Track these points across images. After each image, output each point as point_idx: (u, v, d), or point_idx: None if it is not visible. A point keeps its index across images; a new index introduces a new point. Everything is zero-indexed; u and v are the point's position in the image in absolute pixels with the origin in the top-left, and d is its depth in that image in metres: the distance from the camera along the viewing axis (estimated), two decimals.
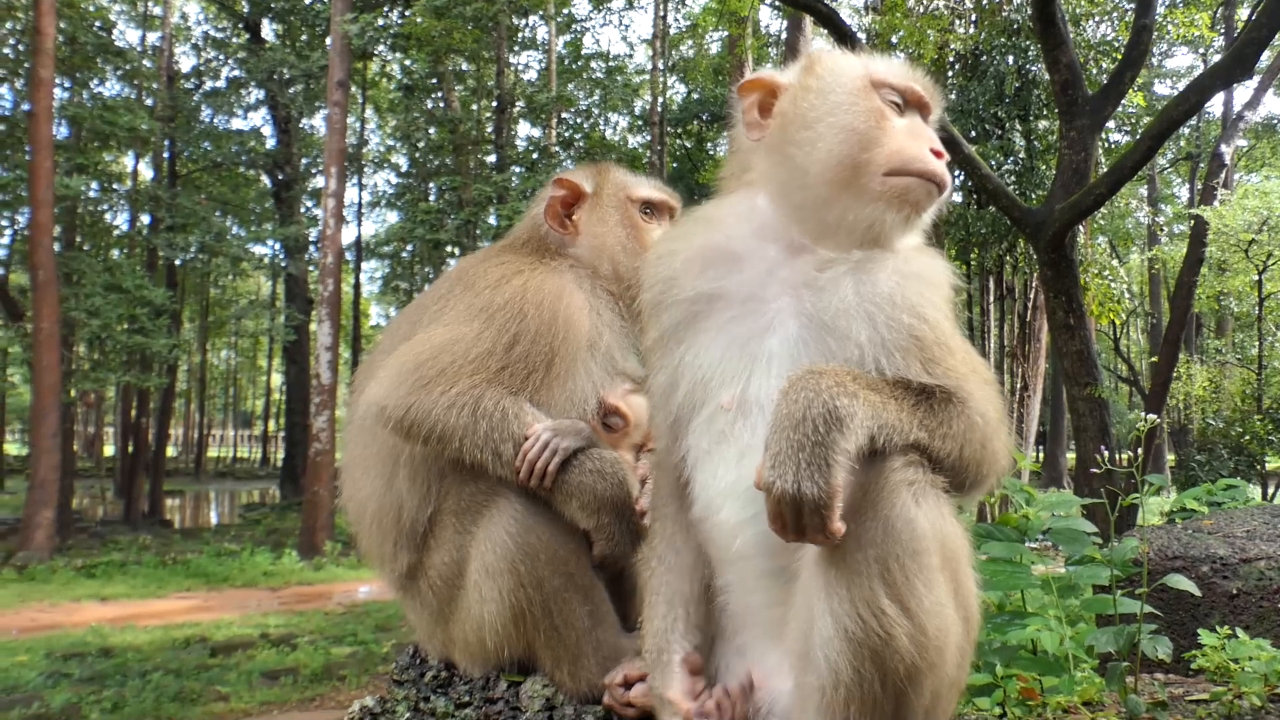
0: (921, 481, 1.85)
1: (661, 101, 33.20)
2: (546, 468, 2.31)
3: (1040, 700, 2.49)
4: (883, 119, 2.03)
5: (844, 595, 1.78)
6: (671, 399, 2.12)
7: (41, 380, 20.72)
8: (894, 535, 1.78)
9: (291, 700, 10.73)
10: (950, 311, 2.05)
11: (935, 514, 1.84)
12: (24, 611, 15.62)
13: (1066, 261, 13.00)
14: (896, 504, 1.80)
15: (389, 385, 2.36)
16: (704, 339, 2.09)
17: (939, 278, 2.07)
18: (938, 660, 1.84)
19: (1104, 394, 13.22)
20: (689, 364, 2.10)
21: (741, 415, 2.01)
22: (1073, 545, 3.03)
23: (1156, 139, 12.68)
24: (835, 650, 1.79)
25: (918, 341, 1.94)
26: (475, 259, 2.74)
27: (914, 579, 1.79)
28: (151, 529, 27.28)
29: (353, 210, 34.96)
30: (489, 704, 2.41)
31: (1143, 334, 44.93)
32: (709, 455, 2.06)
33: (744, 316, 2.06)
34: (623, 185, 2.78)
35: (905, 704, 1.85)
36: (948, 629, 1.85)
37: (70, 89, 28.40)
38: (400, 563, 2.49)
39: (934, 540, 1.83)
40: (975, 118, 22.45)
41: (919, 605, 1.79)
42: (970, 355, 2.03)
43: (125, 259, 29.36)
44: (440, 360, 2.36)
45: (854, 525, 1.78)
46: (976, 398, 1.93)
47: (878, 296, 1.97)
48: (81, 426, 42.33)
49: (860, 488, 1.81)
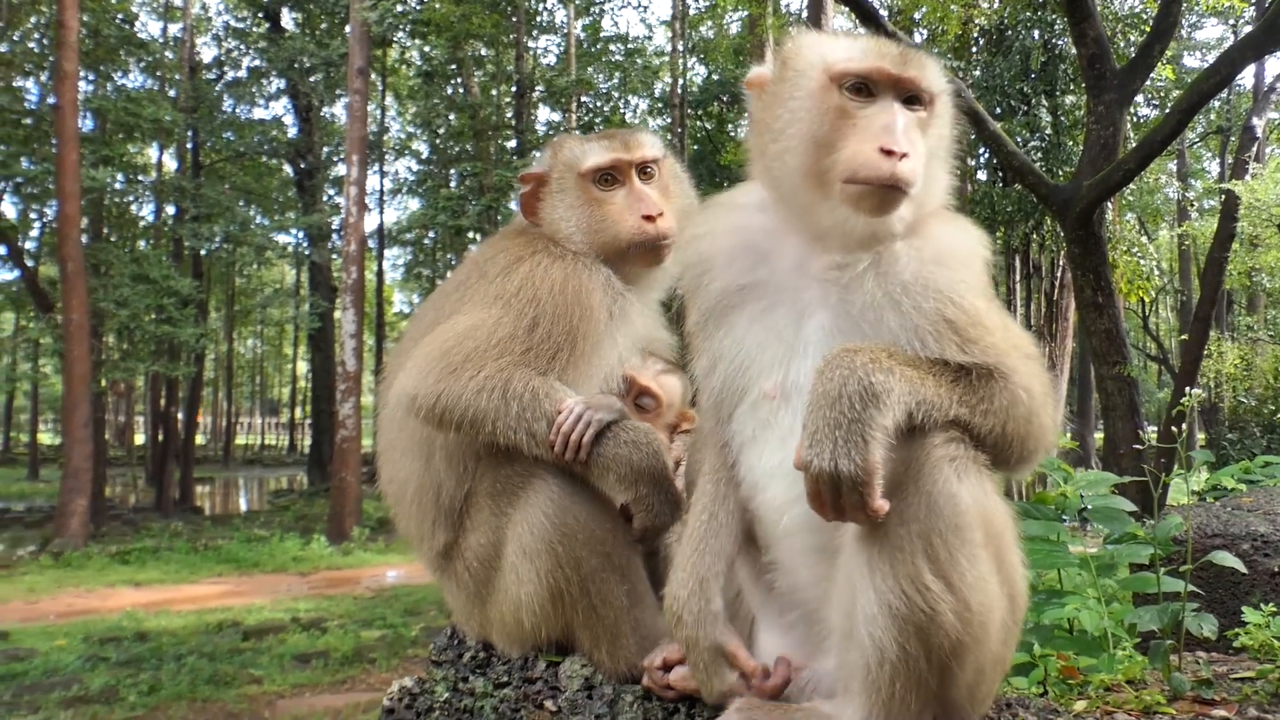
0: (963, 457, 1.83)
1: (681, 83, 33.00)
2: (581, 440, 2.30)
3: (1081, 679, 2.47)
4: (842, 118, 1.94)
5: (888, 572, 1.77)
6: (713, 383, 2.12)
7: (72, 371, 21.00)
8: (936, 511, 1.77)
9: (323, 683, 10.86)
10: (983, 285, 2.00)
11: (978, 490, 1.83)
12: (61, 597, 15.88)
13: (1095, 239, 12.85)
14: (939, 480, 1.78)
15: (417, 375, 2.37)
16: (740, 328, 2.10)
17: (965, 253, 2.02)
18: (982, 636, 1.83)
19: (1133, 373, 13.08)
20: (728, 351, 2.10)
21: (784, 401, 2.01)
22: (1111, 523, 3.00)
23: (1186, 113, 12.48)
24: (880, 627, 1.78)
25: (950, 324, 1.91)
26: (487, 247, 2.75)
27: (957, 554, 1.77)
28: (183, 516, 27.65)
29: (374, 198, 35.09)
30: (527, 684, 2.42)
31: (1172, 311, 44.42)
32: (754, 440, 2.07)
33: (777, 306, 2.06)
34: (571, 162, 2.71)
35: (950, 680, 1.84)
36: (991, 604, 1.84)
37: (94, 82, 28.64)
38: (437, 541, 2.50)
39: (976, 516, 1.81)
40: (1001, 94, 22.19)
41: (962, 580, 1.78)
42: (1010, 330, 1.99)
43: (152, 250, 29.58)
44: (464, 347, 2.37)
45: (896, 501, 1.77)
46: (1020, 372, 1.90)
47: (901, 286, 1.94)
48: (113, 416, 42.84)
49: (902, 463, 1.80)
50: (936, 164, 2.04)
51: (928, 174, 1.97)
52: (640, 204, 2.63)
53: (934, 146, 2.02)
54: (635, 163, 2.68)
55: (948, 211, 2.14)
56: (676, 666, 2.23)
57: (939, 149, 2.05)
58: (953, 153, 2.13)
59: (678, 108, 31.64)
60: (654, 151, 2.72)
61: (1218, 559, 2.61)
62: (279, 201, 36.69)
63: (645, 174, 2.71)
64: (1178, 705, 2.21)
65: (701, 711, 2.20)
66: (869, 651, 1.81)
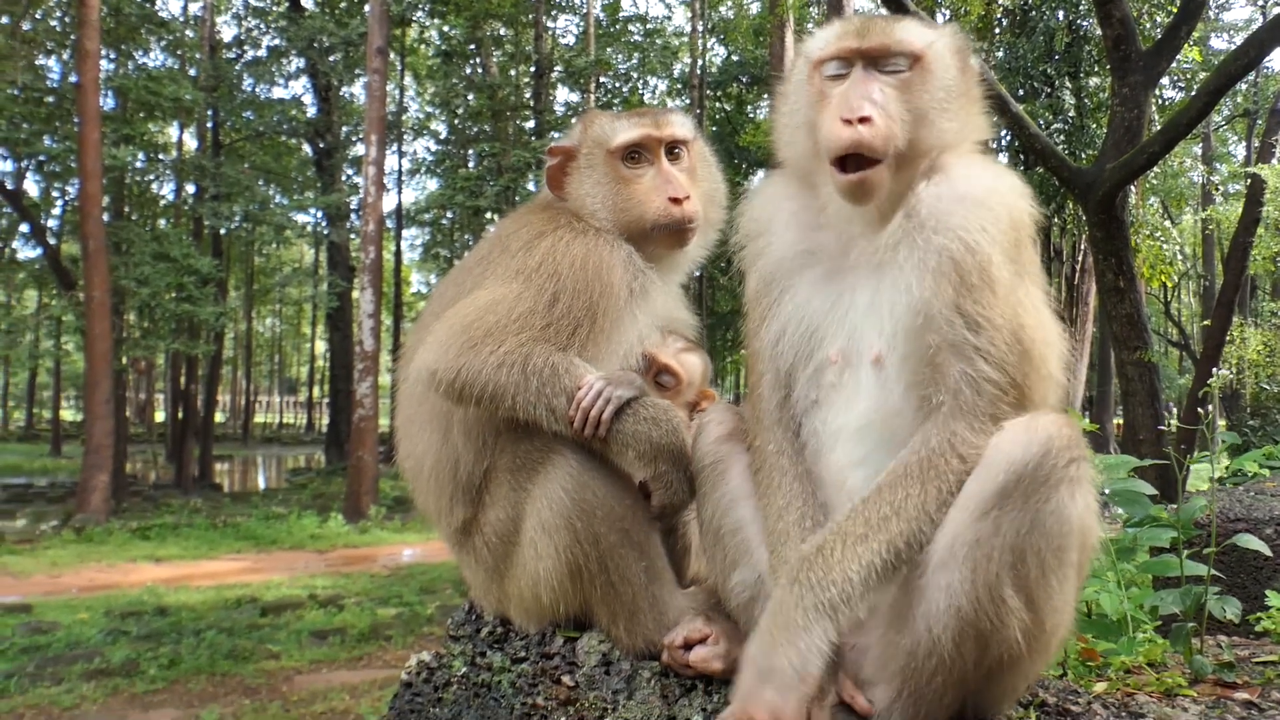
0: (1082, 478, 1.78)
1: (701, 64, 32.84)
2: (601, 416, 2.30)
3: (1101, 661, 2.46)
4: (821, 100, 2.03)
5: (966, 575, 1.75)
6: (781, 349, 2.13)
7: (94, 348, 21.18)
8: (1041, 530, 1.73)
9: (340, 659, 10.96)
10: (1005, 235, 1.92)
11: (1085, 507, 1.79)
12: (83, 571, 16.08)
13: (1117, 223, 12.71)
14: (1053, 499, 1.74)
15: (438, 350, 2.37)
16: (802, 293, 2.12)
17: (982, 194, 1.96)
18: (1042, 652, 1.83)
19: (1154, 358, 12.96)
20: (793, 316, 2.11)
21: (846, 365, 2.01)
22: (1132, 507, 2.98)
23: (1213, 95, 12.29)
24: (940, 624, 1.77)
25: (956, 266, 1.87)
26: (509, 222, 2.73)
27: (1050, 575, 1.75)
28: (202, 493, 27.90)
29: (393, 178, 35.11)
30: (545, 659, 2.43)
31: (1195, 297, 43.98)
32: (818, 404, 2.07)
33: (835, 271, 2.08)
34: (601, 138, 2.69)
35: (994, 684, 1.84)
36: (1063, 625, 1.84)
37: (115, 60, 28.71)
38: (456, 517, 2.50)
39: (1079, 536, 1.78)
40: (1024, 75, 21.93)
41: (1046, 601, 1.76)
42: (1020, 308, 1.90)
43: (172, 228, 29.76)
44: (485, 321, 2.36)
45: (995, 510, 1.74)
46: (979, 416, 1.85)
47: (918, 223, 1.96)
48: (133, 393, 43.22)
49: (1008, 472, 1.75)
50: (942, 112, 2.03)
51: (933, 121, 1.99)
52: (667, 185, 2.60)
53: (932, 97, 2.02)
54: (665, 140, 2.65)
55: (978, 155, 2.10)
56: (697, 646, 2.23)
57: (940, 98, 2.03)
58: (972, 94, 2.11)
59: (697, 88, 31.50)
60: (684, 132, 2.68)
61: (1241, 542, 2.59)
62: (298, 181, 36.80)
63: (674, 155, 2.67)
64: (1199, 688, 2.20)
65: (719, 688, 2.20)
66: (920, 642, 1.79)
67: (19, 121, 25.15)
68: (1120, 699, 2.02)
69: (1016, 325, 1.86)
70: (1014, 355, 1.85)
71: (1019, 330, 1.86)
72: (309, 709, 9.15)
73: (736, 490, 2.20)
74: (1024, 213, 1.98)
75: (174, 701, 9.41)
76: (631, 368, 2.50)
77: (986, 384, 1.84)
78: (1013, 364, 1.85)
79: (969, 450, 1.82)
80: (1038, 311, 1.95)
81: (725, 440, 2.25)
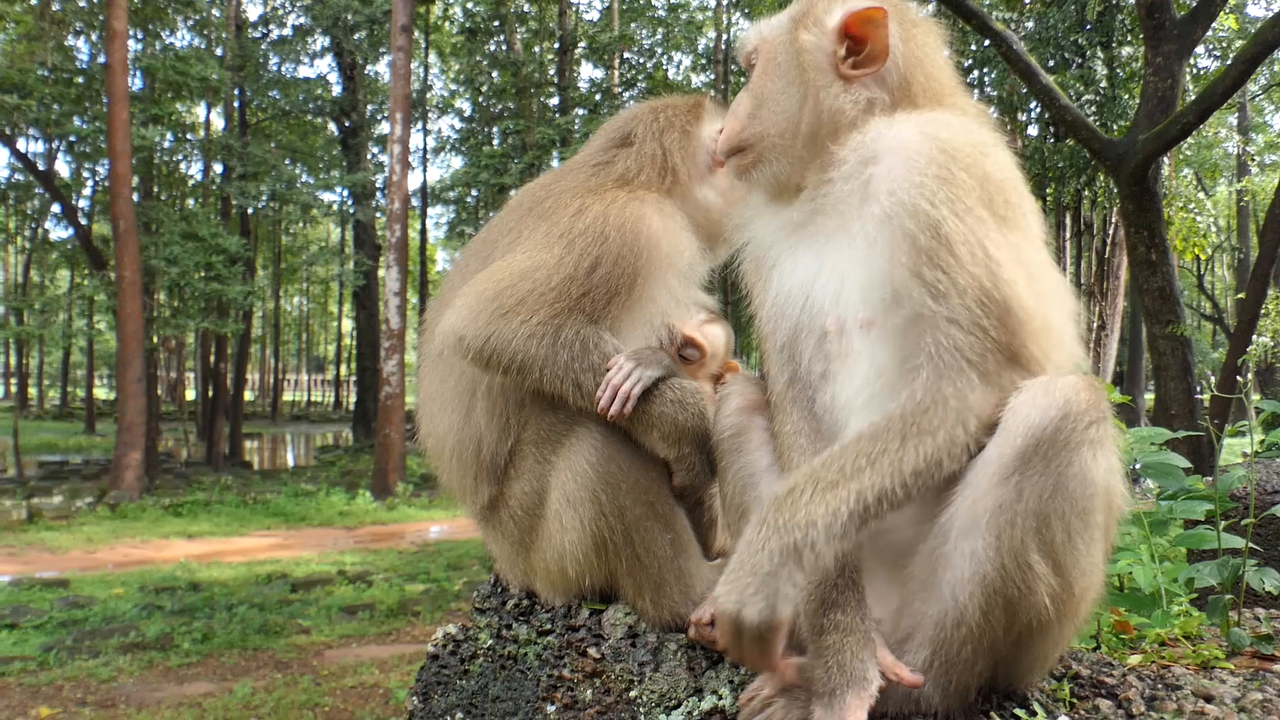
0: (1104, 439, 1.74)
1: (726, 39, 32.54)
2: (629, 394, 2.27)
3: (1135, 634, 2.42)
4: None
5: (990, 542, 1.72)
6: (781, 324, 2.11)
7: (125, 327, 21.45)
8: (1065, 493, 1.70)
9: (369, 634, 11.09)
10: (965, 189, 1.80)
11: (1108, 469, 1.75)
12: (118, 547, 16.37)
13: (1149, 194, 12.52)
14: (1075, 462, 1.70)
15: (467, 315, 2.33)
16: (788, 266, 2.10)
17: (929, 153, 1.84)
18: (1072, 617, 1.80)
19: (1186, 332, 12.79)
20: (784, 289, 2.10)
21: (842, 335, 1.98)
22: (1165, 480, 2.93)
23: (1249, 63, 12.04)
24: (966, 592, 1.74)
25: (903, 233, 1.81)
26: (544, 188, 2.64)
27: (1076, 538, 1.72)
28: (232, 470, 28.28)
29: (418, 156, 35.16)
30: (571, 631, 2.42)
31: (1229, 270, 43.31)
32: (826, 377, 2.03)
33: (815, 246, 2.06)
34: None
35: (1025, 651, 1.81)
36: (1092, 588, 1.80)
37: (143, 40, 28.88)
38: (481, 495, 2.49)
39: (1103, 499, 1.75)
40: (1055, 46, 21.57)
41: (1074, 564, 1.73)
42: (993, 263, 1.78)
43: (200, 208, 30.01)
44: (520, 289, 2.33)
45: (1016, 475, 1.71)
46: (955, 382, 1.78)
47: (852, 191, 1.94)
48: (164, 372, 43.77)
49: (1027, 436, 1.72)
50: (787, 87, 2.05)
51: (779, 102, 2.05)
52: None
53: (771, 81, 2.08)
54: None
55: (924, 109, 1.99)
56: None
57: (777, 82, 2.06)
58: (821, 64, 2.03)
59: (721, 64, 31.23)
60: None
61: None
62: (324, 160, 36.94)
63: None
64: (1236, 660, 2.16)
65: None
66: (948, 610, 1.77)
67: (49, 102, 25.40)
68: (1156, 671, 1.99)
69: (990, 281, 1.76)
70: (992, 314, 1.76)
71: (994, 287, 1.76)
72: (339, 683, 9.27)
73: (758, 463, 2.17)
74: (976, 155, 1.85)
75: (207, 675, 9.56)
76: (658, 339, 2.47)
77: (964, 349, 1.77)
78: (992, 323, 1.77)
79: (959, 408, 1.76)
80: (1019, 262, 1.83)
81: (746, 411, 2.21)
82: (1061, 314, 1.92)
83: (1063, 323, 1.91)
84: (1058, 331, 1.89)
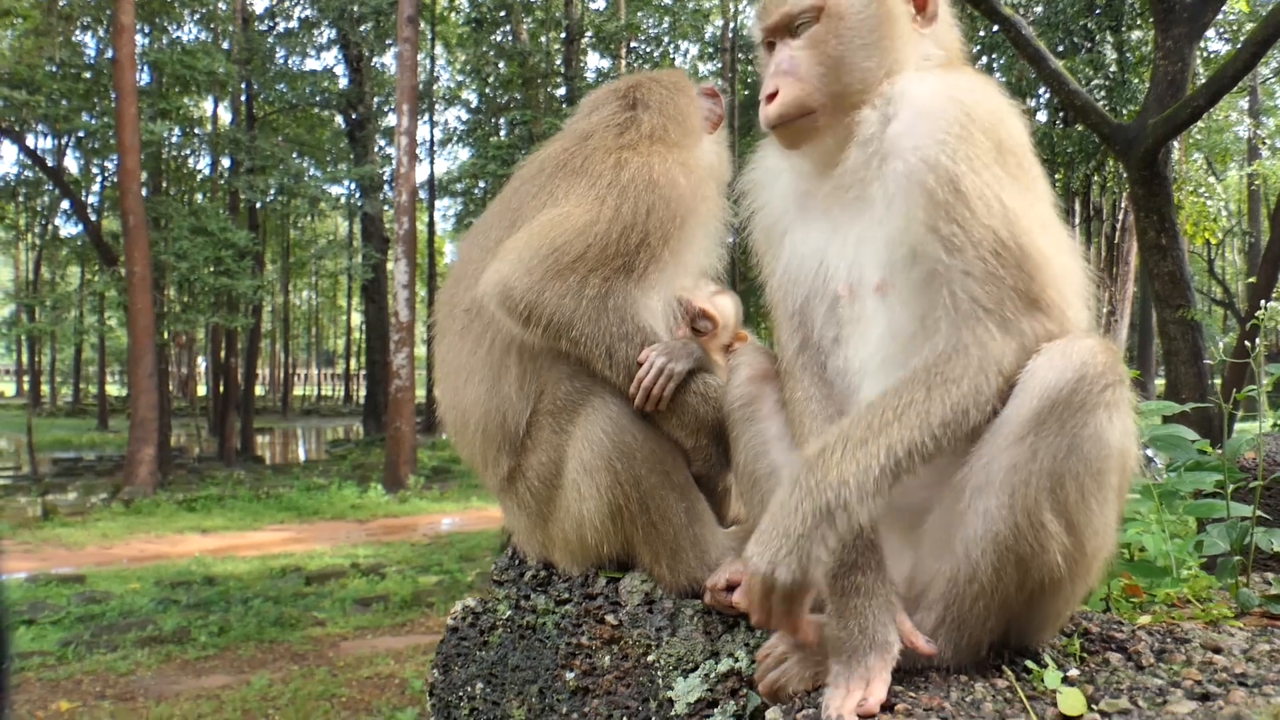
0: (1119, 402, 1.76)
1: (733, 27, 32.48)
2: (662, 394, 2.32)
3: (1145, 597, 2.45)
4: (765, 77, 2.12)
5: (1004, 501, 1.75)
6: (794, 291, 2.14)
7: (136, 323, 21.53)
8: (1079, 454, 1.72)
9: (384, 625, 11.16)
10: (979, 144, 1.84)
11: (1123, 430, 1.77)
12: (132, 543, 16.47)
13: (1159, 179, 12.46)
14: (1090, 423, 1.72)
15: (520, 268, 2.33)
16: (800, 233, 2.14)
17: (948, 110, 1.88)
18: (1084, 575, 1.83)
19: (1197, 316, 12.75)
20: (796, 255, 2.13)
21: (855, 299, 2.01)
22: (1174, 452, 2.95)
23: (1260, 46, 11.95)
24: (979, 550, 1.77)
25: (921, 188, 1.84)
26: (566, 151, 2.61)
27: (1090, 498, 1.74)
28: (244, 465, 28.39)
29: (425, 148, 35.19)
30: (588, 600, 2.46)
31: (1240, 254, 43.07)
32: (838, 342, 2.06)
33: (828, 211, 2.08)
34: None
35: (1037, 608, 1.83)
36: (1104, 547, 1.83)
37: (150, 35, 28.95)
38: (502, 467, 2.52)
39: (1118, 459, 1.77)
40: (1064, 30, 21.46)
41: (1087, 524, 1.75)
42: (1009, 213, 1.82)
43: (209, 202, 30.10)
44: (574, 247, 2.34)
45: (1031, 435, 1.73)
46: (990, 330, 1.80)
47: (875, 152, 1.95)
48: (175, 367, 43.91)
49: (1043, 397, 1.74)
50: (862, 47, 2.02)
51: (854, 62, 2.01)
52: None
53: (844, 41, 2.02)
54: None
55: (937, 68, 2.04)
56: (739, 587, 2.24)
57: (855, 38, 2.02)
58: (896, 13, 2.05)
59: (728, 52, 31.16)
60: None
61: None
62: (331, 153, 37.00)
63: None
64: (1245, 620, 2.18)
65: None
66: (960, 568, 1.79)
67: (57, 98, 25.48)
68: (1165, 628, 2.02)
69: (1006, 231, 1.80)
70: (1008, 263, 1.80)
71: (1011, 235, 1.80)
72: (355, 674, 9.34)
73: (769, 432, 2.19)
74: (992, 115, 1.90)
75: (224, 668, 9.64)
76: (671, 306, 2.51)
77: (981, 299, 1.80)
78: (1009, 271, 1.80)
79: (981, 356, 1.79)
80: (1033, 213, 1.87)
81: (756, 380, 2.24)
82: (1075, 265, 1.95)
83: (1078, 273, 1.95)
84: (1075, 279, 1.93)
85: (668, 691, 2.23)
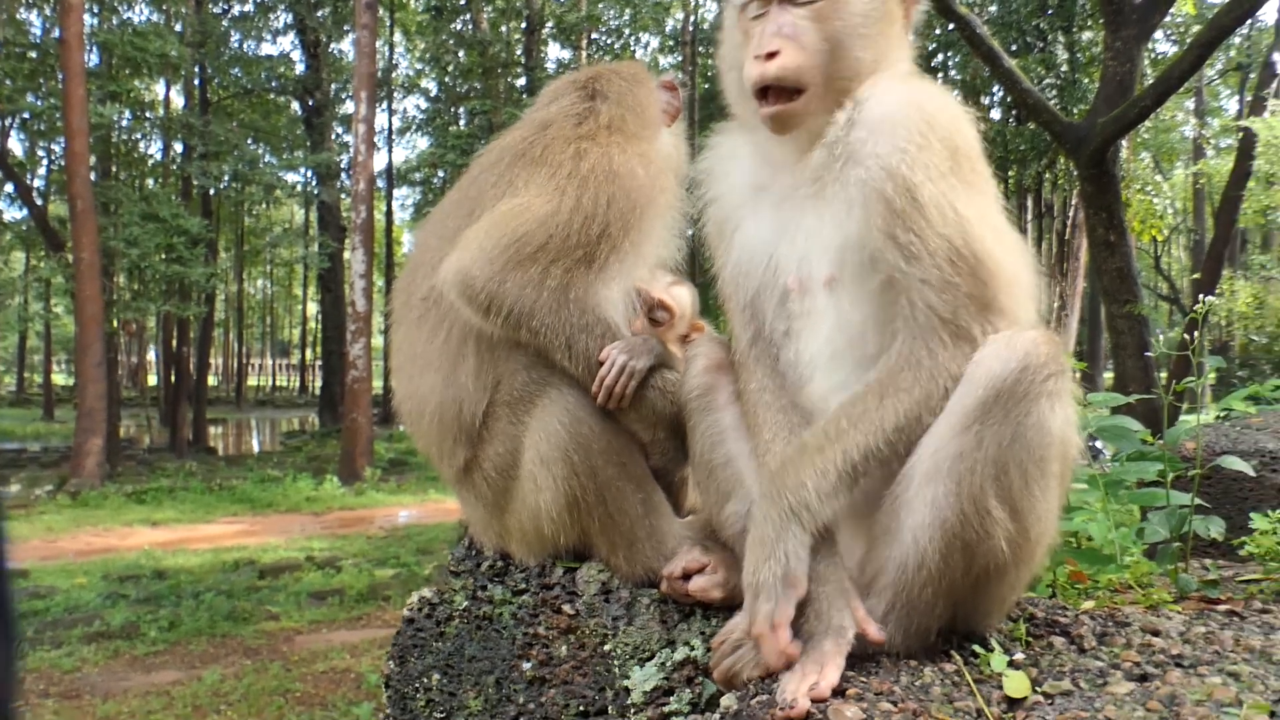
0: (1061, 392, 1.82)
1: (693, 20, 32.51)
2: (624, 393, 2.34)
3: (1089, 584, 2.52)
4: (745, 39, 2.07)
5: (950, 489, 1.80)
6: (745, 284, 2.18)
7: (84, 310, 21.07)
8: (1023, 442, 1.78)
9: (339, 619, 11.09)
10: (937, 154, 1.89)
11: (1064, 419, 1.84)
12: (79, 536, 16.16)
13: (1108, 177, 12.70)
14: (1033, 412, 1.78)
15: (480, 257, 2.32)
16: (751, 226, 2.17)
17: (912, 119, 1.92)
18: (1028, 560, 1.89)
19: (1144, 311, 13.03)
20: (745, 247, 2.16)
21: (805, 293, 2.05)
22: (1119, 442, 3.03)
23: (1205, 48, 12.23)
24: (926, 536, 1.82)
25: (879, 195, 1.89)
26: (525, 140, 2.60)
27: (1033, 485, 1.81)
28: (196, 456, 27.97)
29: (383, 136, 34.82)
30: (545, 590, 2.47)
31: (1185, 251, 43.98)
32: (789, 335, 2.11)
33: (782, 202, 2.11)
34: None
35: (983, 593, 1.90)
36: (1047, 533, 1.89)
37: (99, 15, 28.27)
38: (458, 458, 2.51)
39: (1060, 447, 1.84)
40: (1017, 30, 21.80)
41: (1030, 510, 1.82)
42: (964, 222, 1.87)
43: (160, 188, 29.52)
44: (536, 237, 2.33)
45: (976, 424, 1.79)
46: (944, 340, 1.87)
47: (847, 156, 1.97)
48: (125, 356, 43.09)
49: (988, 387, 1.80)
50: (860, 37, 2.03)
51: (850, 48, 2.01)
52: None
53: (847, 23, 2.02)
54: None
55: (902, 75, 2.08)
56: (695, 575, 2.27)
57: (857, 22, 2.03)
58: (892, 15, 2.09)
59: (689, 45, 31.18)
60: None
61: (1226, 463, 2.65)
62: (287, 139, 36.41)
63: None
64: (1184, 604, 2.26)
65: (717, 613, 2.25)
66: (909, 554, 1.85)
67: (1, 78, 24.82)
68: (1107, 613, 2.09)
69: (961, 240, 1.85)
70: (963, 270, 1.85)
71: (965, 244, 1.85)
72: (310, 668, 9.27)
73: (724, 421, 2.23)
74: (950, 124, 1.95)
75: (175, 663, 9.52)
76: (629, 297, 2.52)
77: (937, 308, 1.86)
78: (964, 279, 1.86)
79: (931, 367, 1.87)
80: (986, 220, 1.93)
81: (712, 370, 2.27)
82: (1026, 269, 2.01)
83: (1028, 277, 2.01)
84: (1025, 285, 1.99)
85: (624, 680, 2.25)
